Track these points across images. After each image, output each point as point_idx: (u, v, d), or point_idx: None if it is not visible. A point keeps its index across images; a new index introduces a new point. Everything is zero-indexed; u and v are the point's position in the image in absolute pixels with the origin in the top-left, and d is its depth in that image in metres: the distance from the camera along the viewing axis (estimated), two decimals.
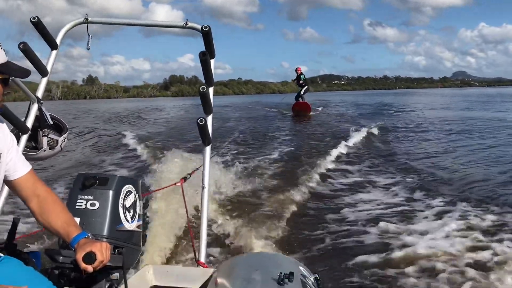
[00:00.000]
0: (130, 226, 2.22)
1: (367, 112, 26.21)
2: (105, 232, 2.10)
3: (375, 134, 14.99)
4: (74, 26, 3.08)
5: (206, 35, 2.81)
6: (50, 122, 3.03)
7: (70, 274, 1.93)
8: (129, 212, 2.21)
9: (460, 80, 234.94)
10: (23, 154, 2.21)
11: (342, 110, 29.25)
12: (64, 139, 3.12)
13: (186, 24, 2.99)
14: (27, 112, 2.90)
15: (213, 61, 2.92)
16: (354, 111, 27.44)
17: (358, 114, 24.60)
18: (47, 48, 3.04)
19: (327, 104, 34.62)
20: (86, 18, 3.02)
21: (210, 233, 5.36)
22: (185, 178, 3.58)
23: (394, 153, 11.74)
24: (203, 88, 2.69)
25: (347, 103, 38.13)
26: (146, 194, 5.25)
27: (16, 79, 2.41)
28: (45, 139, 2.98)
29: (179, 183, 3.52)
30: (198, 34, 2.88)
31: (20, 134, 2.79)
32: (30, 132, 2.85)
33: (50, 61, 3.02)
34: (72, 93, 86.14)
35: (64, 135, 3.12)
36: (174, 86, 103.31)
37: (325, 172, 9.07)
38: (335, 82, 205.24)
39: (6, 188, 2.48)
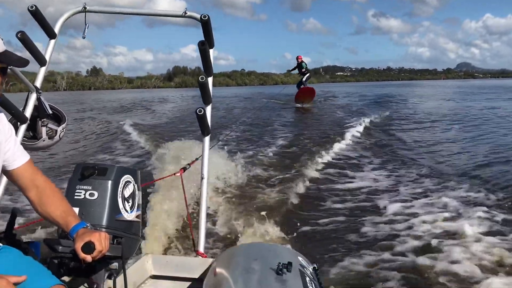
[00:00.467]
0: (129, 216, 2.22)
1: (367, 103, 26.17)
2: (104, 222, 2.10)
3: (375, 125, 15.01)
4: (72, 15, 3.06)
5: (205, 24, 2.79)
6: (49, 112, 3.03)
7: (69, 264, 1.94)
8: (128, 202, 2.21)
9: (464, 71, 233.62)
10: (22, 144, 2.20)
11: (344, 101, 29.24)
12: (63, 129, 3.12)
13: (185, 13, 2.97)
14: (26, 101, 2.89)
15: (212, 50, 2.90)
16: (354, 102, 27.40)
17: (359, 105, 24.57)
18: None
19: (329, 95, 34.54)
20: (85, 7, 3.00)
21: (209, 223, 5.38)
22: (184, 169, 3.59)
23: (394, 143, 11.74)
24: (202, 78, 2.68)
25: (347, 94, 38.07)
26: (146, 184, 5.26)
27: (14, 69, 2.40)
28: (44, 129, 2.98)
29: (179, 174, 3.53)
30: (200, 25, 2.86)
31: (18, 124, 2.79)
32: (28, 122, 2.84)
33: (49, 50, 3.00)
34: (77, 84, 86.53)
35: (63, 125, 3.12)
36: (178, 77, 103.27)
37: (325, 162, 9.08)
38: (338, 73, 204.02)
39: (4, 178, 2.48)
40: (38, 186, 1.90)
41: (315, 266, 2.07)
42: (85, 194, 2.12)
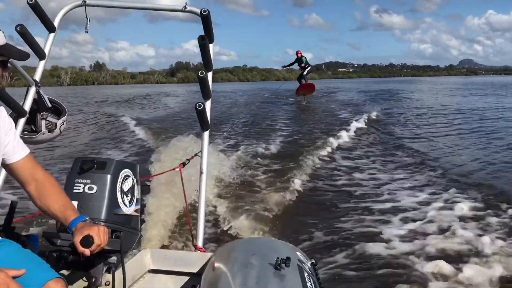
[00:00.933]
0: (128, 210, 2.21)
1: (367, 99, 26.14)
2: (103, 216, 2.09)
3: (375, 121, 15.00)
4: (72, 8, 3.05)
5: (205, 19, 2.78)
6: (49, 105, 3.01)
7: (68, 258, 1.94)
8: (127, 196, 2.21)
9: (466, 68, 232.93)
10: (21, 137, 2.20)
11: (344, 96, 29.21)
12: (63, 122, 3.11)
13: (185, 8, 2.95)
14: (25, 95, 2.88)
15: (212, 45, 2.89)
16: (355, 98, 27.37)
17: (359, 101, 24.56)
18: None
19: (329, 91, 34.50)
20: (84, 1, 2.98)
21: (208, 218, 5.39)
22: (183, 164, 3.59)
23: (394, 139, 11.73)
24: (202, 72, 2.67)
25: (348, 90, 38.03)
26: (145, 179, 5.27)
27: (14, 62, 2.39)
28: (43, 122, 2.97)
29: (178, 169, 3.53)
30: None
31: (18, 117, 2.78)
32: (28, 115, 2.84)
33: (48, 44, 2.99)
34: (80, 79, 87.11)
35: (63, 118, 3.11)
36: (180, 72, 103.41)
37: (325, 158, 9.08)
38: (341, 69, 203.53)
39: (4, 171, 2.48)
40: (37, 179, 1.90)
41: (314, 261, 2.07)
42: (84, 188, 2.12)
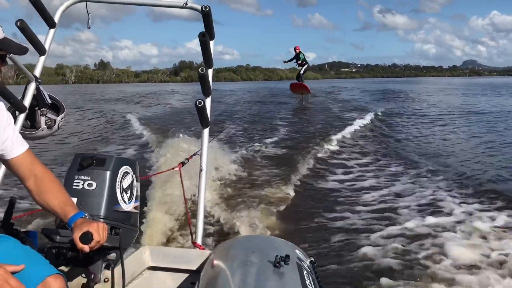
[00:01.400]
0: (127, 207, 2.21)
1: (364, 98, 26.15)
2: (102, 212, 2.09)
3: (374, 120, 15.02)
4: (72, 4, 3.04)
5: (206, 16, 2.77)
6: (48, 101, 3.01)
7: (67, 254, 1.93)
8: (126, 193, 2.21)
9: (470, 69, 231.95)
10: (20, 133, 2.19)
11: (345, 96, 29.23)
12: (61, 119, 3.10)
13: (186, 4, 2.94)
14: (25, 91, 2.87)
15: (212, 42, 2.89)
16: (355, 97, 27.37)
17: (360, 100, 24.56)
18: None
19: (329, 90, 34.52)
20: None
21: (207, 215, 5.39)
22: (183, 163, 3.59)
23: (394, 138, 11.77)
24: (202, 69, 2.66)
25: (348, 89, 38.04)
26: (145, 177, 5.28)
27: (13, 57, 2.38)
28: (42, 118, 2.96)
29: (177, 168, 3.54)
30: None
31: (17, 113, 2.77)
32: (27, 111, 2.83)
33: (48, 39, 2.98)
34: (85, 77, 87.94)
35: (61, 115, 3.10)
36: (184, 71, 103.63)
37: (324, 157, 9.10)
38: (344, 69, 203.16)
39: (3, 167, 2.47)
40: (36, 175, 1.89)
41: (313, 259, 2.07)
42: (83, 185, 2.11)
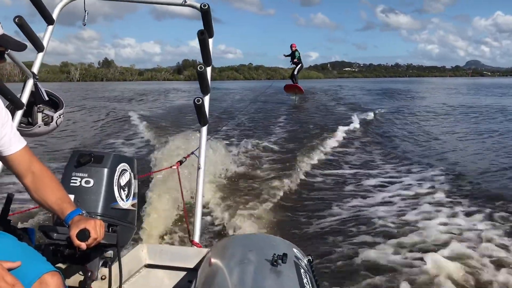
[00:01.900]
0: (125, 204, 2.21)
1: (370, 98, 26.19)
2: (99, 209, 2.09)
3: (374, 120, 15.06)
4: (70, 1, 3.03)
5: (205, 14, 2.77)
6: (46, 98, 3.00)
7: (64, 251, 1.93)
8: (124, 190, 2.20)
9: (473, 69, 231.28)
10: (18, 130, 2.18)
11: (346, 95, 29.27)
12: (59, 116, 3.09)
13: (185, 1, 2.94)
14: (23, 87, 2.87)
15: (211, 40, 2.88)
16: (354, 96, 27.41)
17: (360, 99, 24.61)
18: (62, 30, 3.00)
19: (327, 89, 34.56)
20: None
21: (205, 213, 5.39)
22: (180, 162, 3.60)
23: (392, 137, 11.78)
24: (201, 67, 2.67)
25: (347, 88, 38.08)
26: (143, 175, 5.28)
27: (12, 53, 2.38)
28: (40, 115, 2.95)
29: (175, 167, 3.54)
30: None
31: (15, 109, 2.77)
32: (25, 107, 2.82)
33: (46, 36, 2.98)
34: (89, 75, 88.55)
35: (59, 112, 3.09)
36: (187, 70, 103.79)
37: (322, 155, 9.09)
38: (346, 69, 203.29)
39: (0, 164, 2.46)
40: (34, 172, 1.89)
41: (310, 258, 2.07)
42: (81, 182, 2.11)
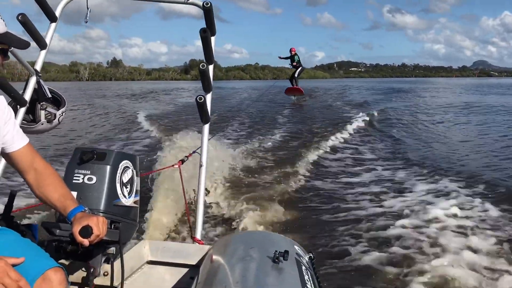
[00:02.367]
0: (127, 201, 2.22)
1: (365, 97, 26.17)
2: (102, 206, 2.10)
3: (376, 119, 15.04)
4: None
5: (208, 12, 2.77)
6: (49, 96, 3.01)
7: (67, 247, 1.94)
8: (126, 187, 2.21)
9: (480, 69, 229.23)
10: (21, 127, 2.19)
11: (347, 94, 29.26)
12: (62, 113, 3.11)
13: None
14: (25, 85, 2.88)
15: (213, 38, 2.89)
16: (356, 96, 27.39)
17: (363, 99, 24.59)
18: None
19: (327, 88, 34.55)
20: None
21: (207, 211, 5.40)
22: (182, 161, 3.61)
23: (395, 136, 11.76)
24: (203, 65, 2.67)
25: (346, 88, 38.03)
26: (146, 174, 5.31)
27: (15, 51, 2.39)
28: (42, 113, 2.97)
29: (177, 165, 3.55)
30: (217, 17, 2.84)
31: (18, 106, 2.78)
32: (28, 105, 2.83)
33: (49, 33, 2.99)
34: (98, 74, 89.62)
35: (62, 109, 3.11)
36: (194, 69, 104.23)
37: (325, 153, 9.10)
38: (352, 69, 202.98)
39: (3, 161, 2.48)
40: (36, 169, 1.90)
41: (311, 255, 2.08)
42: (83, 179, 2.12)
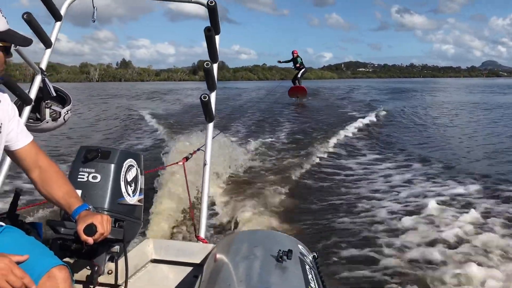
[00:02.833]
0: (131, 200, 2.22)
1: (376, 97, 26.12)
2: (106, 205, 2.10)
3: (379, 119, 15.02)
4: None
5: (212, 11, 2.77)
6: (53, 94, 3.02)
7: (71, 246, 1.95)
8: (130, 186, 2.22)
9: (489, 70, 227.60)
10: (26, 125, 2.20)
11: (353, 94, 29.19)
12: (67, 111, 3.11)
13: None
14: (31, 83, 2.89)
15: (218, 37, 2.89)
16: (360, 96, 27.34)
17: (363, 99, 24.56)
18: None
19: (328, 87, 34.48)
20: None
21: (211, 209, 5.41)
22: (186, 158, 3.61)
23: (399, 136, 11.74)
24: (207, 64, 2.67)
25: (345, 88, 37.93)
26: (150, 171, 5.30)
27: (19, 49, 2.39)
28: (47, 111, 2.97)
29: (181, 162, 3.55)
30: (225, 18, 2.84)
31: (23, 105, 2.78)
32: (33, 103, 2.84)
33: (54, 32, 3.00)
34: (108, 75, 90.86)
35: (67, 107, 3.11)
36: (202, 71, 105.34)
37: (328, 152, 9.09)
38: (360, 69, 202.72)
39: (8, 159, 2.49)
40: (41, 167, 1.90)
41: (315, 254, 2.07)
42: (88, 177, 2.12)
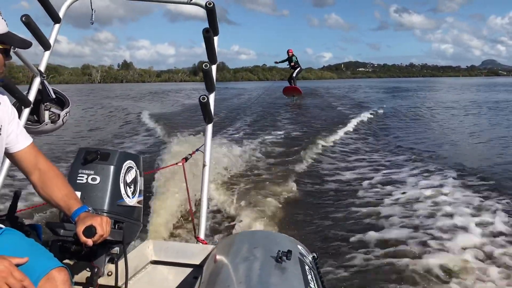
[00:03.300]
0: (131, 201, 2.22)
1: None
2: (105, 206, 2.10)
3: (377, 117, 15.03)
4: None
5: (210, 12, 2.77)
6: (53, 96, 3.02)
7: (71, 247, 1.95)
8: (130, 187, 2.22)
9: (488, 69, 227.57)
10: (25, 127, 2.20)
11: (351, 94, 29.21)
12: (66, 114, 3.11)
13: (190, 0, 2.94)
14: (30, 85, 2.89)
15: (216, 38, 2.89)
16: (358, 95, 27.35)
17: (362, 98, 24.57)
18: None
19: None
20: None
21: (210, 210, 5.41)
22: (186, 159, 3.61)
23: (398, 134, 11.74)
24: (206, 65, 2.67)
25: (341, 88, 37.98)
26: (149, 172, 5.30)
27: (18, 51, 2.39)
28: (47, 113, 2.97)
29: (181, 163, 3.55)
30: (224, 19, 2.86)
31: (22, 107, 2.79)
32: (32, 105, 2.84)
33: (53, 34, 2.99)
34: (110, 77, 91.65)
35: (66, 110, 3.11)
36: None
37: (327, 153, 9.10)
38: (360, 69, 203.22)
39: (7, 161, 2.49)
40: (40, 169, 1.91)
41: (315, 255, 2.07)
42: (87, 179, 2.12)
